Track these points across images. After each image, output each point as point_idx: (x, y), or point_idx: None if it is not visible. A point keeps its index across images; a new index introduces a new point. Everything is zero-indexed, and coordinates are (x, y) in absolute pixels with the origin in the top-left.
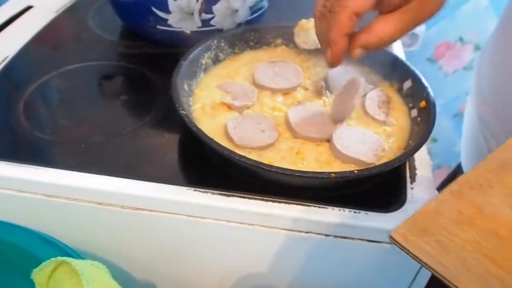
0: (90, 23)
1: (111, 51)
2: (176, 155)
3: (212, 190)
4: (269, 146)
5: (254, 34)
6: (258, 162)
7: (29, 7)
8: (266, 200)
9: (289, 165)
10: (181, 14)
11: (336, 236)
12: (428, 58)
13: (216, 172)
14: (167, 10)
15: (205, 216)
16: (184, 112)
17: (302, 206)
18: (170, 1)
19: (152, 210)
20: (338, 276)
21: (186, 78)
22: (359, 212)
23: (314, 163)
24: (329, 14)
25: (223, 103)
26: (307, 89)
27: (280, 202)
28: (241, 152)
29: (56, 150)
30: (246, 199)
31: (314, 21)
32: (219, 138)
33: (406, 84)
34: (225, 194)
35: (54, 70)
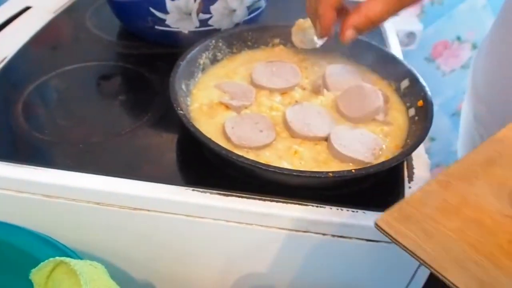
0: (88, 24)
1: (109, 52)
2: (174, 155)
3: (210, 190)
4: (267, 146)
5: (252, 34)
6: (256, 162)
7: (27, 8)
8: (264, 199)
9: (287, 164)
10: (179, 14)
11: (334, 235)
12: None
13: (214, 172)
14: (165, 10)
15: (203, 216)
16: (182, 112)
17: (300, 206)
18: (168, 1)
19: (150, 210)
20: (336, 275)
21: (184, 78)
22: (357, 211)
23: (312, 163)
24: None
25: (221, 103)
26: (305, 88)
27: (278, 201)
28: (239, 152)
29: (54, 151)
30: (244, 199)
31: None
32: (217, 138)
33: (404, 83)
34: (223, 194)
35: (52, 71)
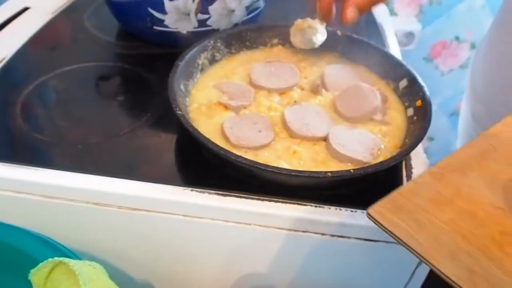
0: (86, 24)
1: (108, 52)
2: (173, 155)
3: (209, 190)
4: (265, 146)
5: (251, 34)
6: (255, 162)
7: (26, 8)
8: (263, 199)
9: (285, 164)
10: (177, 15)
11: (333, 235)
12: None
13: (213, 172)
14: (164, 11)
15: (202, 216)
16: (180, 112)
17: (299, 206)
18: (166, 1)
19: (149, 210)
20: (335, 274)
21: (183, 78)
22: (356, 211)
23: (311, 163)
24: None
25: (220, 103)
26: (304, 88)
27: (277, 201)
28: (237, 152)
29: (53, 151)
30: (243, 199)
31: None
32: (216, 138)
33: (402, 83)
34: (222, 194)
35: (51, 71)
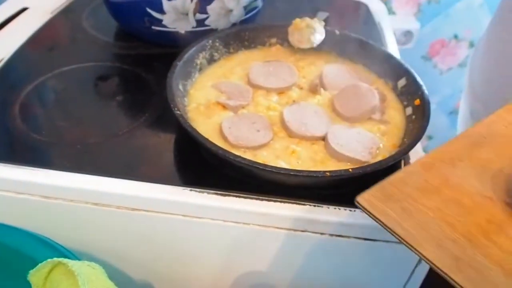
0: (85, 24)
1: (106, 52)
2: (171, 155)
3: (208, 190)
4: (264, 146)
5: (249, 33)
6: (253, 162)
7: (24, 9)
8: (262, 199)
9: (284, 164)
10: (175, 15)
11: (332, 234)
12: (422, 56)
13: (211, 172)
14: (162, 11)
15: (201, 216)
16: (179, 112)
17: (298, 205)
18: (164, 1)
19: (148, 211)
20: (334, 274)
21: (181, 78)
22: (355, 210)
23: (309, 162)
24: None
25: (218, 103)
26: (302, 88)
27: (275, 201)
28: (236, 151)
29: (52, 151)
30: (242, 199)
31: None
32: (214, 138)
33: (401, 82)
34: (221, 194)
35: (49, 72)
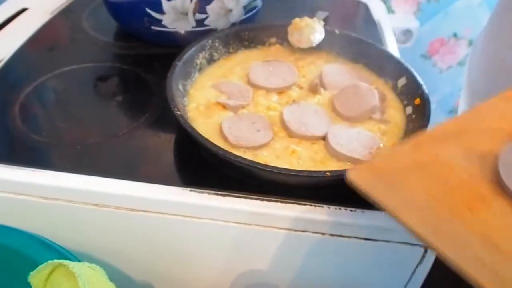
0: (84, 25)
1: (106, 53)
2: (171, 156)
3: (208, 190)
4: (264, 146)
5: (248, 33)
6: (253, 162)
7: (23, 9)
8: (262, 199)
9: (284, 164)
10: (175, 15)
11: (332, 234)
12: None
13: (212, 172)
14: (161, 11)
15: (201, 216)
16: (179, 112)
17: (298, 205)
18: (164, 1)
19: (148, 211)
20: (335, 274)
21: (181, 78)
22: (355, 210)
23: (310, 162)
24: None
25: (218, 103)
26: (302, 87)
27: (276, 201)
28: (236, 152)
29: (52, 152)
30: (242, 199)
31: None
32: (214, 138)
33: (401, 81)
34: (221, 194)
35: (49, 72)
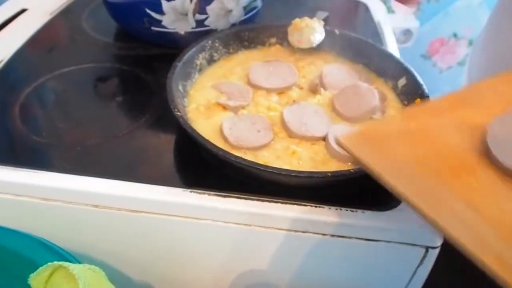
0: (84, 25)
1: (106, 53)
2: (172, 157)
3: (208, 191)
4: (264, 146)
5: (248, 33)
6: (254, 163)
7: (23, 10)
8: (263, 200)
9: (285, 165)
10: (175, 15)
11: (333, 235)
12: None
13: (212, 173)
14: (161, 11)
15: (201, 217)
16: (179, 113)
17: (299, 206)
18: (164, 2)
19: (148, 212)
20: (336, 275)
21: (181, 79)
22: (356, 211)
23: (310, 163)
24: None
25: (218, 104)
26: (302, 88)
27: (276, 202)
28: (236, 152)
29: (51, 153)
30: (242, 200)
31: None
32: (215, 139)
33: (401, 81)
34: (221, 195)
35: (49, 73)
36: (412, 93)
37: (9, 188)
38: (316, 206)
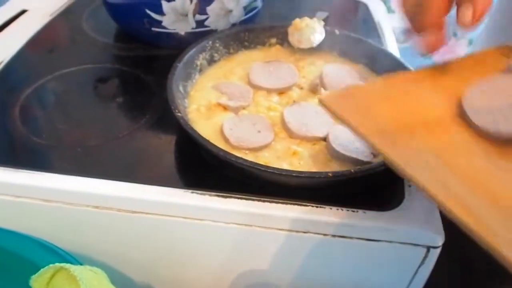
0: (84, 26)
1: (106, 54)
2: (172, 157)
3: (209, 192)
4: (265, 147)
5: (249, 34)
6: (255, 163)
7: (23, 11)
8: (264, 200)
9: (286, 165)
10: (175, 16)
11: (334, 235)
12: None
13: (213, 173)
14: (161, 12)
15: (202, 218)
16: (180, 114)
17: (300, 206)
18: (164, 2)
19: (149, 213)
20: (337, 275)
21: (181, 80)
22: (357, 211)
23: (311, 163)
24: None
25: (219, 104)
26: (302, 88)
27: (277, 202)
28: (237, 153)
29: (52, 154)
30: (243, 200)
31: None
32: (215, 139)
33: None
34: (222, 196)
35: (49, 74)
36: None
37: (9, 189)
38: (317, 207)
